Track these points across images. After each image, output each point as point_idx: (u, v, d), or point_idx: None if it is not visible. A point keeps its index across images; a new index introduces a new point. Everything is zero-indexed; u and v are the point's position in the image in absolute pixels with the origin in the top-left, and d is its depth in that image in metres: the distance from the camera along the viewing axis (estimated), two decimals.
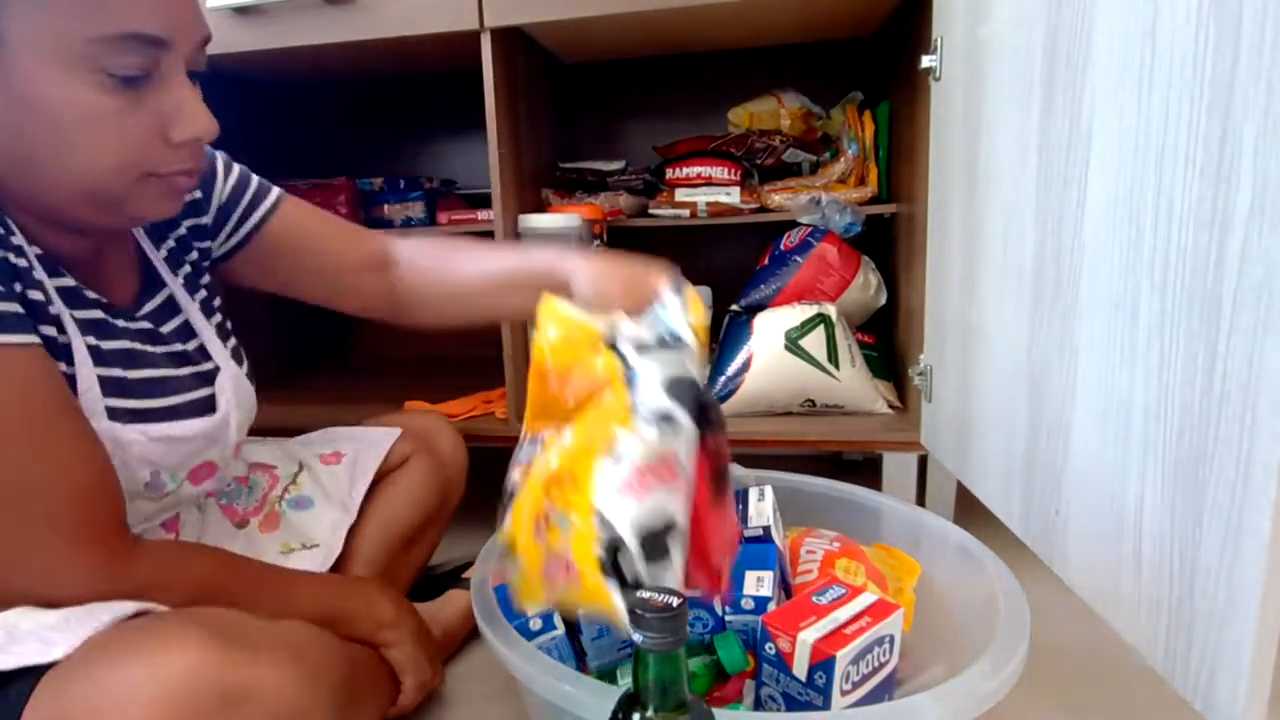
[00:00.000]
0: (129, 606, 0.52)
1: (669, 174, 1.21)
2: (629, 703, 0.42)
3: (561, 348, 0.62)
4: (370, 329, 1.73)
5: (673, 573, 0.52)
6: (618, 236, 1.33)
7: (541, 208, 1.24)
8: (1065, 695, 0.79)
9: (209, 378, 0.69)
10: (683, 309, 0.60)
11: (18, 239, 0.54)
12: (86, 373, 0.57)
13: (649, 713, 0.41)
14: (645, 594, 0.42)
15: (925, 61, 0.90)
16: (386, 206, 1.34)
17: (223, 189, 0.74)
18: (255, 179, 0.77)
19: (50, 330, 0.55)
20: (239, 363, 0.72)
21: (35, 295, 0.54)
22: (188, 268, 0.72)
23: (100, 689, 0.45)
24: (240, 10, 1.07)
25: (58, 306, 0.56)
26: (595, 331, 0.62)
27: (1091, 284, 0.60)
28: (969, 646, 0.61)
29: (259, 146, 1.43)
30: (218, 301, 0.75)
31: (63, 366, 0.55)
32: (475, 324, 0.85)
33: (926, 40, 0.91)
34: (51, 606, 0.52)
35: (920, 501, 1.10)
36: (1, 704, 0.45)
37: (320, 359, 1.65)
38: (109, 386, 0.59)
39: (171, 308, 0.69)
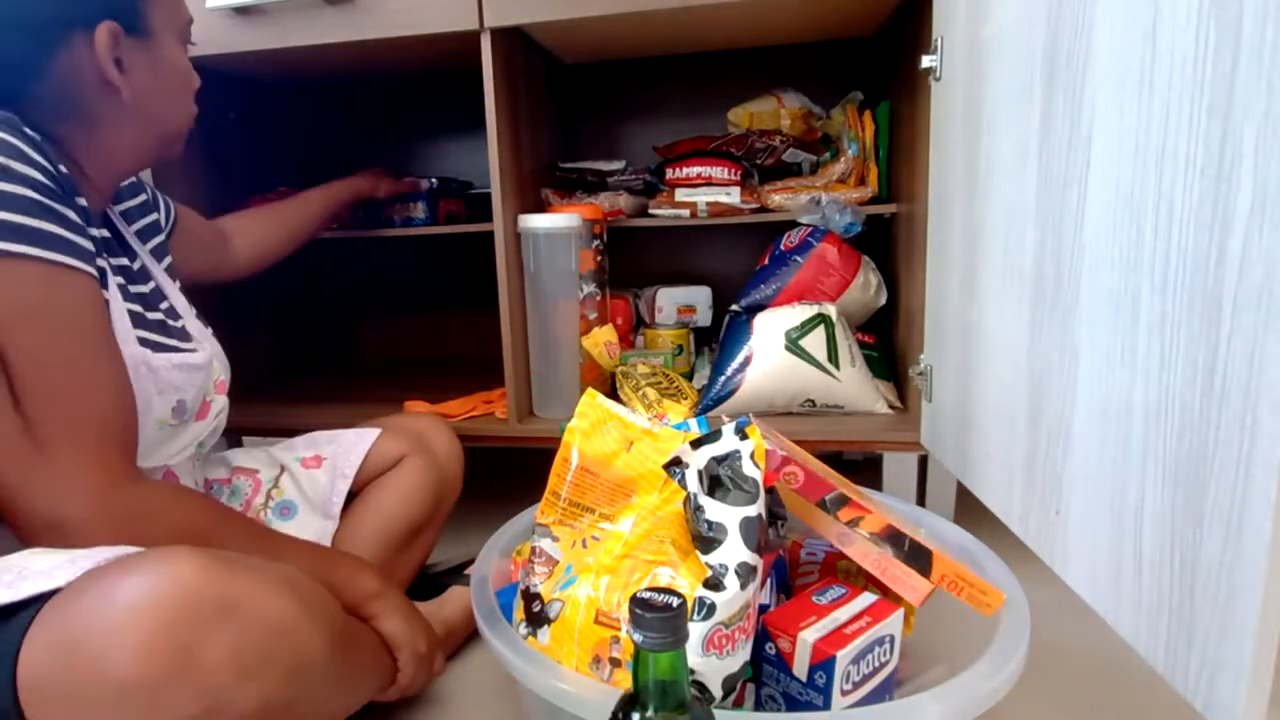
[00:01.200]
0: (130, 549, 0.53)
1: (669, 174, 1.21)
2: (629, 703, 0.42)
3: (592, 438, 0.64)
4: (370, 330, 1.73)
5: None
6: (618, 236, 1.33)
7: (541, 208, 1.24)
8: (1065, 695, 0.79)
9: (186, 330, 0.78)
10: (752, 454, 0.61)
11: (81, 196, 0.64)
12: (117, 304, 0.66)
13: (649, 713, 0.41)
14: (645, 594, 0.42)
15: (925, 61, 0.90)
16: (387, 206, 1.34)
17: (153, 196, 0.87)
18: (153, 190, 0.91)
19: (103, 263, 0.65)
20: (205, 325, 0.82)
21: (95, 234, 0.65)
22: (153, 243, 0.83)
23: (100, 602, 0.46)
24: (240, 10, 1.07)
25: (100, 248, 0.66)
26: (635, 429, 0.63)
27: (1092, 284, 0.60)
28: (969, 647, 0.61)
29: (259, 146, 1.43)
30: (177, 281, 0.84)
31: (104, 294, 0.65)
32: (297, 245, 1.13)
33: (927, 40, 0.91)
34: (48, 517, 0.57)
35: (920, 501, 1.10)
36: (8, 630, 0.47)
37: (320, 360, 1.65)
38: (137, 321, 0.68)
39: (144, 274, 0.77)
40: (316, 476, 0.86)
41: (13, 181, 0.57)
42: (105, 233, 0.69)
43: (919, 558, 0.63)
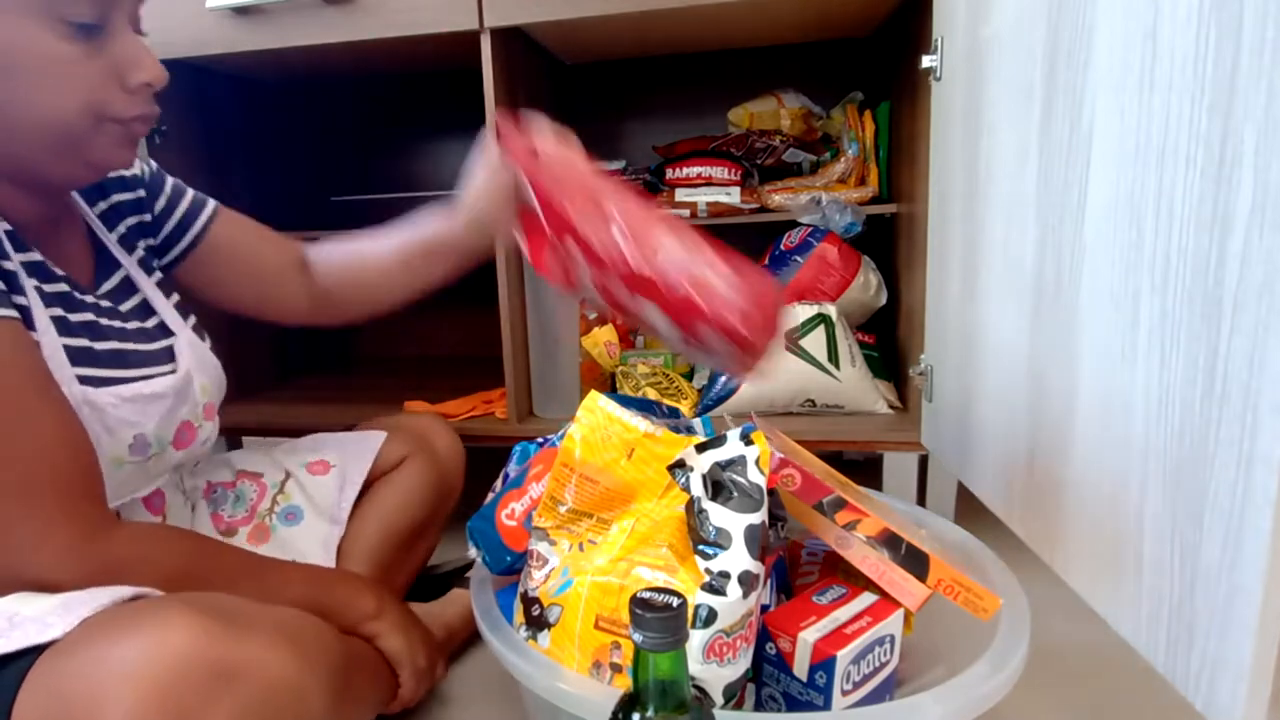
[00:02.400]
0: (127, 591, 0.52)
1: (669, 174, 1.21)
2: (629, 703, 0.42)
3: (593, 445, 0.64)
4: (370, 329, 1.73)
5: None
6: None
7: None
8: (1065, 695, 0.79)
9: (172, 350, 0.71)
10: (757, 460, 0.60)
11: None
12: (50, 341, 0.59)
13: (649, 713, 0.41)
14: (645, 594, 0.42)
15: (926, 61, 0.90)
16: None
17: (164, 195, 0.78)
18: (190, 191, 0.80)
19: (22, 300, 0.58)
20: (201, 338, 0.75)
21: (9, 266, 0.57)
22: (140, 252, 0.75)
23: (95, 666, 0.45)
24: (240, 10, 1.07)
25: (24, 278, 0.59)
26: (637, 434, 0.63)
27: (1092, 284, 0.60)
28: (969, 647, 0.61)
29: (258, 146, 1.43)
30: (174, 294, 0.77)
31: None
32: (399, 305, 0.86)
33: (927, 40, 0.91)
34: (28, 582, 0.53)
35: (920, 501, 1.10)
36: (0, 682, 0.45)
37: (320, 360, 1.65)
38: (78, 356, 0.61)
39: (129, 287, 0.71)
40: (325, 483, 0.85)
41: None
42: (35, 256, 0.61)
43: (916, 562, 0.63)
